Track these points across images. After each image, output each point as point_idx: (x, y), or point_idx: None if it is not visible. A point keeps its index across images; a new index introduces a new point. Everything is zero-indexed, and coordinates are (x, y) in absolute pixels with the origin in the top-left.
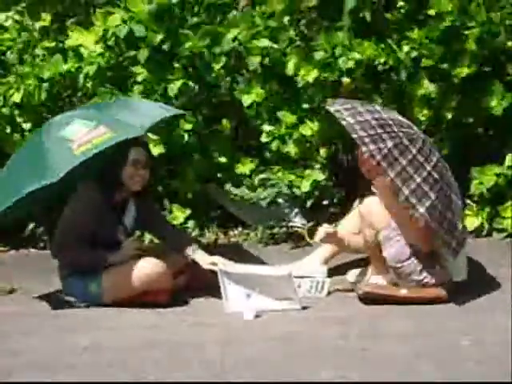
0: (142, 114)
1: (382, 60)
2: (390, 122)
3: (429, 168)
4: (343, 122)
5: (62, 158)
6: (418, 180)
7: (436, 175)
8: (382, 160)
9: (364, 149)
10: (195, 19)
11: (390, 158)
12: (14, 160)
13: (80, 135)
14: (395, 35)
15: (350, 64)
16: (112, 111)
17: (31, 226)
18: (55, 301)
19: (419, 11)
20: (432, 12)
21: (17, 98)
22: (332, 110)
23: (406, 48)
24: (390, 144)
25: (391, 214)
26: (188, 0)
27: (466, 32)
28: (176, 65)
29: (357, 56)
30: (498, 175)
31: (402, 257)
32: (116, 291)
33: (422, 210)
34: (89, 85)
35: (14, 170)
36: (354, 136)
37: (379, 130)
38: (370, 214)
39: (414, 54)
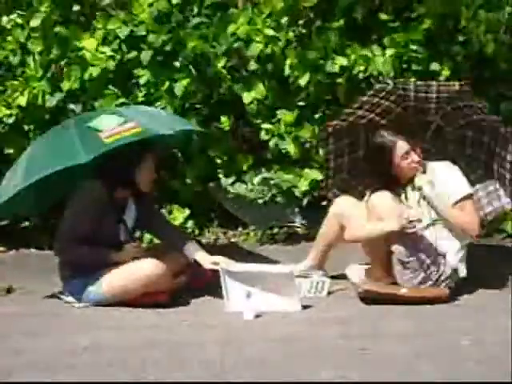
0: (169, 119)
1: (362, 68)
2: None
3: None
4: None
5: (92, 144)
6: None
7: None
8: None
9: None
10: (196, 19)
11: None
12: (33, 148)
13: (109, 127)
14: (385, 38)
15: (336, 68)
16: (140, 111)
17: (31, 225)
18: (55, 301)
19: (405, 12)
20: (416, 14)
21: (22, 101)
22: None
23: (389, 51)
24: None
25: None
26: (188, 0)
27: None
28: (177, 64)
29: (342, 61)
30: None
31: (412, 251)
32: (116, 292)
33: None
34: (92, 87)
35: (36, 154)
36: None
37: None
38: (380, 207)
39: (400, 56)
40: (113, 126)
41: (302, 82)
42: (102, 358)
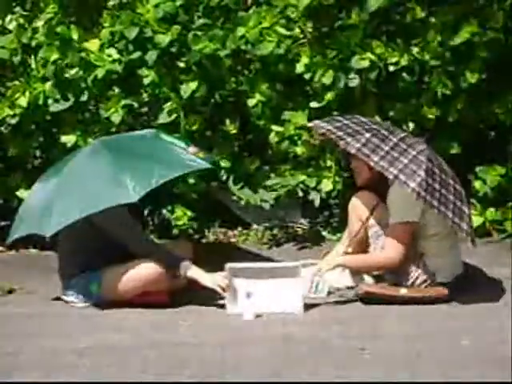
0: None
1: (394, 60)
2: (369, 123)
3: (414, 152)
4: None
5: None
6: (405, 161)
7: (423, 158)
8: (363, 147)
9: (341, 142)
10: (201, 21)
11: (370, 145)
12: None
13: None
14: (412, 35)
15: (365, 64)
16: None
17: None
18: (55, 301)
19: (433, 14)
20: (447, 19)
21: (23, 101)
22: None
23: (415, 49)
24: (367, 135)
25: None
26: (193, 2)
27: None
28: (182, 65)
29: (371, 56)
30: (502, 176)
31: None
32: (116, 292)
33: (412, 184)
34: (96, 89)
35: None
36: (332, 136)
37: (357, 128)
38: (358, 207)
39: (425, 55)
40: None
41: (327, 81)
42: (103, 358)
